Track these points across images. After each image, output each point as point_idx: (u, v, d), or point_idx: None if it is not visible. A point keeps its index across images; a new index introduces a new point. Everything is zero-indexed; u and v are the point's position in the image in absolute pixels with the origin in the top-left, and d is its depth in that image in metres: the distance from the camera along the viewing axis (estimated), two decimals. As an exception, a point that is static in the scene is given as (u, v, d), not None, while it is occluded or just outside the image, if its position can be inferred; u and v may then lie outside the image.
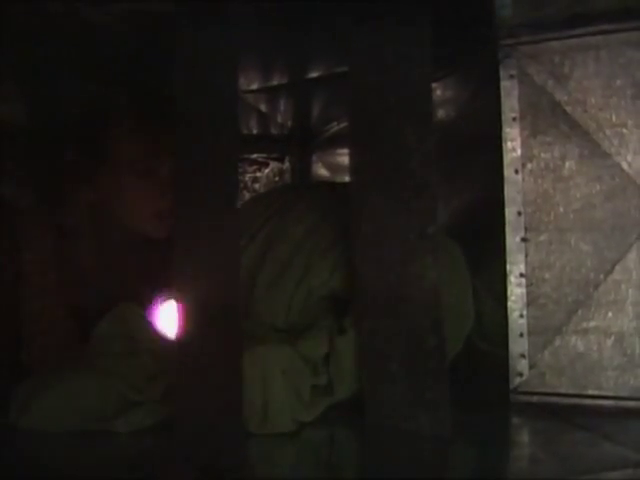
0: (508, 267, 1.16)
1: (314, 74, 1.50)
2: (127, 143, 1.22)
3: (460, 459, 0.96)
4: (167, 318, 1.10)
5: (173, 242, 0.98)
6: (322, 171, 1.94)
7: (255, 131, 1.85)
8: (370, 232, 1.03)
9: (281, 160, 1.92)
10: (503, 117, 1.18)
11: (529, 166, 1.17)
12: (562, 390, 1.14)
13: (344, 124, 1.76)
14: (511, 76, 1.18)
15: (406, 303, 0.99)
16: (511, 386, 1.15)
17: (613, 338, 1.13)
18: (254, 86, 1.58)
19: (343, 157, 1.84)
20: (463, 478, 0.92)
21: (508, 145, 1.18)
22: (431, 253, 0.98)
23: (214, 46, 0.99)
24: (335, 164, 1.92)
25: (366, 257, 1.03)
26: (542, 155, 1.17)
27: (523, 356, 1.15)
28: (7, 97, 1.33)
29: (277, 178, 1.92)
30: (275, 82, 1.56)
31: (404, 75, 0.99)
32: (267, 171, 1.91)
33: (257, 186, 1.89)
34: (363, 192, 1.04)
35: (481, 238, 1.31)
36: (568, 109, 1.15)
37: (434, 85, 1.36)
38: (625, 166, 1.13)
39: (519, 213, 1.17)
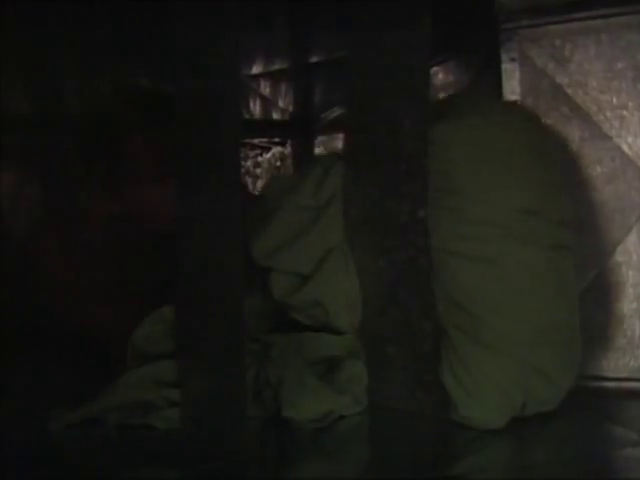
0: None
1: (316, 58, 1.50)
2: (142, 154, 1.22)
3: (457, 440, 0.97)
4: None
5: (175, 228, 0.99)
6: (324, 155, 1.94)
7: (257, 116, 1.85)
8: (361, 215, 1.03)
9: (283, 145, 1.92)
10: (504, 100, 1.19)
11: (530, 149, 1.18)
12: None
13: (346, 108, 1.76)
14: (512, 59, 1.18)
15: (399, 288, 1.00)
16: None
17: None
18: (256, 71, 1.58)
19: (345, 141, 1.84)
20: (458, 458, 0.93)
21: (509, 128, 1.18)
22: (422, 237, 0.98)
23: (215, 31, 0.99)
24: (337, 148, 1.92)
25: (358, 242, 1.03)
26: (543, 138, 1.17)
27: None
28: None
29: (279, 163, 1.92)
30: (277, 67, 1.56)
31: (403, 59, 0.99)
32: (269, 156, 1.91)
33: (259, 171, 1.89)
34: (355, 175, 1.04)
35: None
36: (569, 92, 1.16)
37: (436, 69, 1.36)
38: (626, 148, 1.13)
39: (520, 196, 1.18)
